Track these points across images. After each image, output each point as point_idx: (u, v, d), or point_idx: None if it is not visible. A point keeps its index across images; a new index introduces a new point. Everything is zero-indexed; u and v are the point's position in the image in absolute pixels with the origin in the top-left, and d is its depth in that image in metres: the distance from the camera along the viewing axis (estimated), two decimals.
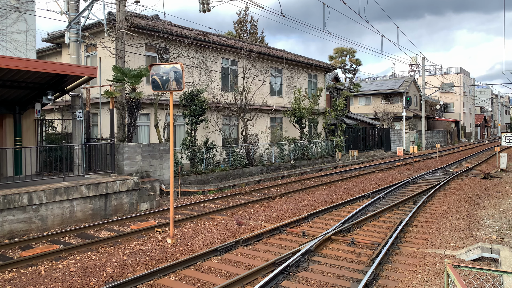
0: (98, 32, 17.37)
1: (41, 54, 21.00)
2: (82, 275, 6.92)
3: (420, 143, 41.50)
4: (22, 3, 13.07)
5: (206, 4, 13.73)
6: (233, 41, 24.41)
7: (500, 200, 13.59)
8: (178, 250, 8.35)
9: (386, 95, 47.63)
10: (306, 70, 28.83)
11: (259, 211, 12.04)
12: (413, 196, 13.80)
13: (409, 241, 8.95)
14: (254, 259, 7.88)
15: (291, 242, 8.96)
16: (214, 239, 9.11)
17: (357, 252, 8.23)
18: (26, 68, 9.89)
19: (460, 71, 64.24)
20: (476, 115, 75.78)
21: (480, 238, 9.04)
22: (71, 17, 12.70)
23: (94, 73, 11.61)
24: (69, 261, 7.69)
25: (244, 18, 40.64)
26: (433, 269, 7.20)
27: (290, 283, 6.69)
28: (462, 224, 10.32)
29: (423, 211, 11.93)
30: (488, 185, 17.12)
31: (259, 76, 24.13)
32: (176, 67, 8.77)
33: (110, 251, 8.32)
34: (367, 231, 9.84)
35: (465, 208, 12.19)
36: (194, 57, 20.21)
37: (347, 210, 12.18)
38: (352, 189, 16.06)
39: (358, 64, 34.23)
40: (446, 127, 55.92)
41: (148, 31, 17.57)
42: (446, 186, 16.58)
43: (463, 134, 64.39)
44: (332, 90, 34.62)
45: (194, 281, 6.82)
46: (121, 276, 7.03)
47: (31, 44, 13.41)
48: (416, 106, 50.32)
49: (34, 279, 6.76)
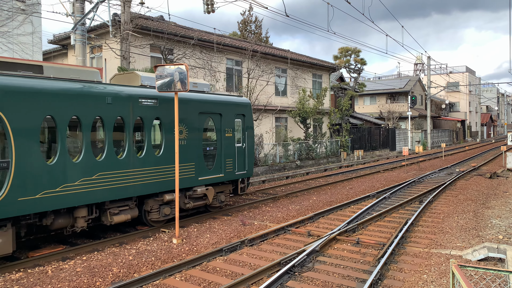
0: (103, 33, 17.48)
1: (47, 55, 21.17)
2: (88, 275, 6.97)
3: (425, 143, 41.32)
4: (28, 6, 13.18)
5: (211, 5, 13.76)
6: (237, 41, 24.45)
7: (507, 200, 13.51)
8: (184, 250, 8.38)
9: (391, 95, 47.47)
10: (311, 70, 28.81)
11: (264, 211, 12.06)
12: (418, 195, 13.75)
13: (415, 241, 8.93)
14: (259, 259, 7.90)
15: (296, 242, 8.96)
16: (219, 239, 9.13)
17: (363, 252, 8.22)
18: None
19: (466, 70, 63.89)
20: (482, 114, 75.30)
21: (487, 238, 9.00)
22: (77, 19, 12.79)
23: None
24: (76, 261, 7.74)
25: (248, 19, 40.70)
26: (439, 269, 7.17)
27: (296, 283, 6.69)
28: (468, 224, 10.26)
29: (428, 211, 11.88)
30: (495, 184, 17.01)
31: (264, 76, 24.14)
32: (181, 68, 8.80)
33: (116, 251, 8.37)
34: (373, 231, 9.82)
35: (471, 208, 12.12)
36: (198, 58, 20.27)
37: (352, 210, 12.16)
38: (357, 189, 16.03)
39: (363, 64, 34.13)
40: (451, 127, 55.63)
41: (153, 32, 17.65)
42: (452, 186, 16.50)
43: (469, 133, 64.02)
44: (337, 90, 34.57)
45: (199, 281, 6.84)
46: (127, 276, 7.07)
47: (37, 46, 13.52)
48: (422, 105, 50.11)
49: (41, 279, 6.82)
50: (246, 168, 12.44)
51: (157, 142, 9.86)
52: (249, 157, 12.55)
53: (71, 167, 7.96)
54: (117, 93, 8.83)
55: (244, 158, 12.37)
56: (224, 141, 11.57)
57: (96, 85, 8.62)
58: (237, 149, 12.08)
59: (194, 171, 10.51)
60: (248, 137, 12.50)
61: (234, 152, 11.94)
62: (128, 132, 9.00)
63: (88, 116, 8.25)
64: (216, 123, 11.41)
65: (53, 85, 7.82)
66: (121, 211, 9.10)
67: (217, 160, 11.36)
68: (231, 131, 11.88)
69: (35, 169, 7.42)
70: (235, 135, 12.05)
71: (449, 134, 52.56)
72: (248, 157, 12.51)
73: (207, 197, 11.02)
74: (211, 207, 11.76)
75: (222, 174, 11.50)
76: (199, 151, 10.70)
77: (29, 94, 7.38)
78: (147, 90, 9.52)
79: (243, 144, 12.38)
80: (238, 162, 12.11)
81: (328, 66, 30.21)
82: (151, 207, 9.74)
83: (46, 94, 7.63)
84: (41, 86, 7.63)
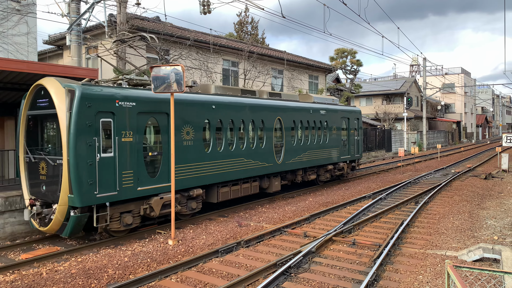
0: (99, 34, 17.41)
1: (42, 56, 21.06)
2: (83, 277, 6.93)
3: (421, 144, 41.45)
4: (23, 6, 13.12)
5: (207, 6, 13.76)
6: (234, 42, 24.45)
7: (502, 201, 13.57)
8: (180, 251, 8.36)
9: (387, 96, 47.61)
10: (307, 71, 28.85)
11: (260, 212, 12.04)
12: (414, 196, 13.79)
13: (411, 242, 8.95)
14: (255, 260, 7.89)
15: (293, 243, 8.96)
16: (215, 240, 9.11)
17: (359, 253, 8.23)
18: (27, 70, 9.92)
19: (461, 71, 64.18)
20: (478, 116, 75.67)
21: (482, 239, 9.03)
22: (72, 19, 12.74)
23: (95, 75, 11.61)
24: (71, 263, 7.70)
25: (245, 20, 40.66)
26: (435, 269, 7.19)
27: (292, 284, 6.69)
28: (463, 224, 10.30)
29: (424, 212, 11.92)
30: (490, 185, 17.09)
31: (260, 78, 24.13)
32: (177, 68, 8.79)
33: (112, 252, 8.33)
34: (369, 232, 9.84)
35: (466, 209, 12.17)
36: (195, 59, 20.25)
37: (348, 211, 12.17)
38: (353, 190, 16.05)
39: (359, 65, 34.21)
40: (447, 128, 55.85)
41: (149, 33, 17.59)
42: (447, 187, 16.56)
43: (465, 134, 64.30)
44: (333, 91, 34.61)
45: (195, 282, 6.82)
46: (122, 277, 7.04)
47: (32, 46, 13.46)
48: (417, 106, 50.28)
49: (36, 281, 6.78)
50: (360, 153, 19.30)
51: (323, 136, 16.41)
52: (360, 146, 19.21)
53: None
54: (314, 107, 15.98)
55: (359, 146, 19.07)
56: (350, 136, 18.31)
57: (308, 104, 15.83)
58: (356, 140, 18.83)
59: (338, 153, 17.31)
60: (360, 133, 19.23)
61: (354, 142, 18.67)
62: (317, 129, 15.98)
63: (304, 121, 15.24)
64: (347, 123, 18.23)
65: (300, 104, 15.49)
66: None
67: (348, 147, 18.16)
68: (354, 128, 18.69)
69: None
70: (355, 131, 18.79)
71: (445, 135, 52.76)
72: (360, 146, 19.17)
73: (344, 169, 18.07)
74: (345, 175, 18.86)
75: (350, 155, 18.34)
76: (340, 141, 17.47)
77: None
78: (317, 104, 16.38)
79: (358, 137, 19.05)
80: (356, 148, 18.92)
81: (324, 67, 30.26)
82: (319, 174, 16.77)
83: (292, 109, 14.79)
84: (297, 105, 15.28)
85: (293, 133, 14.60)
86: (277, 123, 13.66)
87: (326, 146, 16.30)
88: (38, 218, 8.85)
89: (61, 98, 8.24)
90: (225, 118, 11.67)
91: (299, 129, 14.85)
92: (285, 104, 14.31)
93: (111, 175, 8.63)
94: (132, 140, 9.05)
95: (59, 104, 8.24)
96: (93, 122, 8.38)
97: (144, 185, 9.31)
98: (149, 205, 9.51)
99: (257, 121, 12.86)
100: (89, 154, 8.27)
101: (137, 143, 9.19)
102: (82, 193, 8.14)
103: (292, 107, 14.62)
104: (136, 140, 9.15)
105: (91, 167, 8.29)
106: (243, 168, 12.23)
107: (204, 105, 11.00)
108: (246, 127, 12.42)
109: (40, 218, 8.81)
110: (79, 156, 8.14)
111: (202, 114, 10.88)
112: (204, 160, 10.87)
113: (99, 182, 8.40)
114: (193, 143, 10.55)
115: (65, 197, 8.21)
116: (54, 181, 8.58)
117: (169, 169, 9.54)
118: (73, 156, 8.07)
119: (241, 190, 12.43)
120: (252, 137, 12.72)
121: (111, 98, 8.77)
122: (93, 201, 8.37)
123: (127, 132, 9.00)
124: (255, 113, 12.76)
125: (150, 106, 9.57)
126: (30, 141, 9.38)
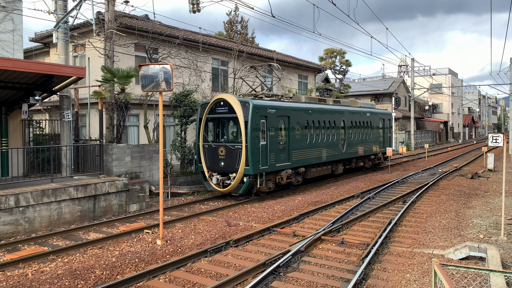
0: (86, 32, 17.20)
1: (28, 54, 20.73)
2: (70, 277, 6.83)
3: (409, 144, 41.85)
4: (9, 2, 12.90)
5: (196, 5, 13.68)
6: (223, 41, 24.37)
7: (488, 200, 13.77)
8: (168, 251, 8.30)
9: (376, 96, 47.94)
10: (297, 71, 28.91)
11: (249, 212, 12.03)
12: (402, 196, 13.91)
13: (398, 241, 9.02)
14: (244, 260, 7.87)
15: (282, 242, 8.97)
16: (204, 240, 9.07)
17: (347, 252, 8.27)
18: (13, 68, 9.75)
19: (449, 72, 64.94)
20: (464, 116, 76.67)
21: (468, 237, 9.15)
22: (59, 17, 12.55)
23: (82, 74, 11.49)
24: (57, 264, 7.59)
25: (234, 19, 40.59)
26: (422, 268, 7.26)
27: (280, 284, 6.69)
28: (450, 223, 10.42)
29: (412, 211, 12.03)
30: (476, 184, 17.33)
31: (250, 77, 24.10)
32: (165, 67, 8.73)
33: (99, 253, 8.24)
34: (357, 231, 9.89)
35: (453, 208, 12.32)
36: (184, 58, 20.14)
37: (337, 210, 12.23)
38: (342, 189, 16.14)
39: (348, 65, 34.40)
40: (435, 128, 56.49)
41: (137, 31, 17.45)
42: (434, 186, 16.74)
43: (452, 134, 65.10)
44: (322, 91, 34.74)
45: (184, 282, 6.78)
46: (110, 278, 6.96)
47: (18, 43, 13.23)
48: (405, 106, 50.75)
49: (21, 282, 6.67)
50: (391, 146, 23.89)
51: (369, 133, 21.50)
52: (392, 141, 24.60)
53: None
54: (361, 111, 21.02)
55: (390, 141, 24.30)
56: (384, 134, 23.45)
57: (359, 108, 21.18)
58: (388, 137, 23.81)
59: (378, 146, 22.28)
60: (391, 131, 24.41)
61: (386, 138, 23.59)
62: (365, 128, 21.02)
63: (351, 121, 19.67)
64: (382, 123, 23.18)
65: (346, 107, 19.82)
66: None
67: (383, 141, 23.13)
68: (387, 127, 23.75)
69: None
70: (388, 129, 23.84)
71: (432, 135, 53.34)
72: (392, 141, 24.56)
73: (380, 159, 23.25)
74: (381, 164, 23.82)
75: (384, 148, 23.07)
76: (380, 137, 22.70)
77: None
78: (363, 108, 21.51)
79: (390, 134, 24.17)
80: (388, 143, 23.86)
81: (313, 67, 30.35)
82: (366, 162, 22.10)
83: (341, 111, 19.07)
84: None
85: (350, 131, 19.43)
86: (342, 122, 18.67)
87: (370, 140, 21.35)
88: (221, 183, 13.47)
89: (238, 107, 13.11)
90: (316, 119, 16.65)
91: (354, 127, 19.77)
92: (346, 108, 19.54)
93: (265, 155, 13.48)
94: (273, 134, 13.94)
95: (238, 111, 13.09)
96: (258, 122, 13.19)
97: (279, 163, 14.16)
98: (280, 176, 14.38)
99: (331, 122, 17.82)
100: (256, 142, 13.10)
101: (276, 136, 14.11)
102: (254, 166, 12.93)
103: (350, 111, 19.68)
104: (275, 134, 14.09)
105: (257, 150, 13.13)
106: (325, 154, 17.26)
107: (306, 110, 16.12)
108: (326, 126, 17.39)
109: (221, 183, 13.51)
110: (253, 143, 12.93)
111: (305, 117, 15.96)
112: (306, 148, 15.78)
113: (261, 159, 13.27)
114: (301, 137, 15.55)
115: (242, 169, 12.93)
116: (233, 158, 13.19)
117: (290, 154, 14.69)
118: (250, 143, 12.83)
119: (322, 170, 17.32)
120: (329, 133, 17.55)
121: (265, 107, 13.64)
122: (258, 171, 13.18)
123: (271, 128, 13.85)
124: (330, 115, 17.83)
125: (282, 111, 14.48)
126: (206, 134, 14.08)
